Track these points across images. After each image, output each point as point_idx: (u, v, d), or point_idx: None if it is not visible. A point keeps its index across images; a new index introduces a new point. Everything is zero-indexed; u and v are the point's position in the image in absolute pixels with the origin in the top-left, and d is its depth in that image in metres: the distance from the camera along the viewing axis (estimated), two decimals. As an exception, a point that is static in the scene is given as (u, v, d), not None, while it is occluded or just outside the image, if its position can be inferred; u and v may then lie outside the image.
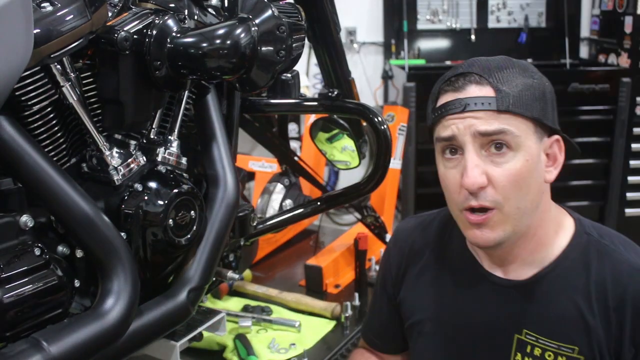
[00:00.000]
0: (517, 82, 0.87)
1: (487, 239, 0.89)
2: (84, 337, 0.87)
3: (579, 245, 0.93)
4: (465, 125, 0.86)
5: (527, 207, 0.88)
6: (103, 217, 0.93)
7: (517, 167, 0.86)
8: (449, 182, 0.90)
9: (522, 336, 0.94)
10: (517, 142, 0.86)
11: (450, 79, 0.90)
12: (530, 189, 0.87)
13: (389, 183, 2.15)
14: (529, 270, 0.94)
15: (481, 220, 0.87)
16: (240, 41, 0.99)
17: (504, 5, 3.44)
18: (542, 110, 0.88)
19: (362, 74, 3.39)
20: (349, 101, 1.53)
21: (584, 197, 2.97)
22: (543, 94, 0.89)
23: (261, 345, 1.48)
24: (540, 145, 0.89)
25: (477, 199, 0.86)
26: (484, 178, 0.85)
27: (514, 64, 0.90)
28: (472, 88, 0.87)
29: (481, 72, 0.87)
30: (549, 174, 0.91)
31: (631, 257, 0.92)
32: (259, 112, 1.57)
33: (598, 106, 2.88)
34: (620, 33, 3.00)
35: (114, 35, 0.95)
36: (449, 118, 0.87)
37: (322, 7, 1.44)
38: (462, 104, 0.86)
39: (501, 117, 0.85)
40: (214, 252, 1.12)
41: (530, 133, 0.87)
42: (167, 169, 1.07)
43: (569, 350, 0.90)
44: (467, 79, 0.88)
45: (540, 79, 0.90)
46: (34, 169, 0.86)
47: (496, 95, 0.85)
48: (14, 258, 0.85)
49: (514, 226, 0.88)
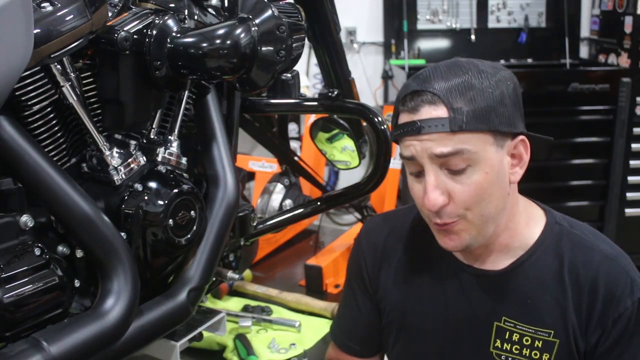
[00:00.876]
0: (472, 94, 0.85)
1: (454, 245, 0.93)
2: (84, 337, 0.87)
3: (551, 235, 0.97)
4: (422, 147, 0.87)
5: (490, 213, 0.90)
6: (103, 217, 0.93)
7: (477, 181, 0.87)
8: (415, 195, 0.93)
9: (501, 323, 0.97)
10: (475, 158, 0.86)
11: (405, 98, 0.89)
12: (493, 197, 0.89)
13: (389, 183, 2.16)
14: (505, 260, 0.98)
15: (447, 228, 0.91)
16: (240, 41, 0.99)
17: (504, 5, 3.44)
18: (501, 118, 0.87)
19: (362, 74, 3.39)
20: (349, 101, 1.53)
21: (584, 197, 2.97)
22: (501, 99, 0.87)
23: (261, 345, 1.48)
24: (503, 150, 0.89)
25: (440, 217, 0.90)
26: (444, 198, 0.88)
27: (470, 70, 0.88)
28: (426, 109, 0.86)
29: (435, 89, 0.86)
30: (514, 175, 0.93)
31: (601, 245, 0.96)
32: (259, 112, 1.57)
33: (598, 106, 2.88)
34: (620, 33, 3.00)
35: (114, 35, 0.95)
36: (407, 139, 0.89)
37: (322, 7, 1.44)
38: (416, 127, 0.87)
39: (456, 137, 0.85)
40: (214, 252, 1.12)
41: (489, 144, 0.87)
42: (167, 169, 1.07)
43: (545, 334, 0.95)
44: (420, 98, 0.87)
45: (499, 82, 0.88)
46: (34, 169, 0.86)
47: (449, 116, 0.84)
48: (14, 258, 0.85)
49: (478, 231, 0.91)
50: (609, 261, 0.94)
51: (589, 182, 2.96)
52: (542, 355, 0.95)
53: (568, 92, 2.84)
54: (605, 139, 2.90)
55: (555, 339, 0.94)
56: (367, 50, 3.49)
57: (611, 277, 0.92)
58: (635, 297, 0.92)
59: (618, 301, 0.91)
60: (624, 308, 0.91)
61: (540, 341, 0.95)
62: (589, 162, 2.94)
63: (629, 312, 0.91)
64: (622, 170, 2.91)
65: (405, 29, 3.33)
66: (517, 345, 0.96)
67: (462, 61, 0.91)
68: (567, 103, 2.86)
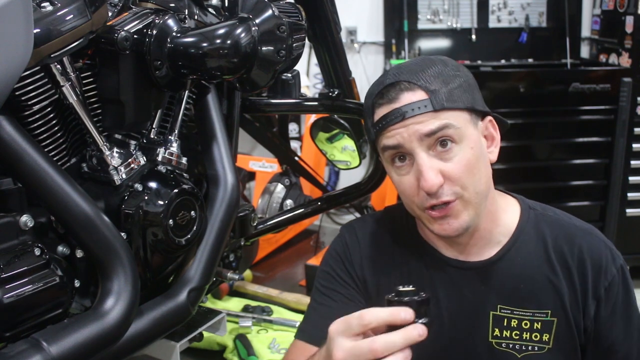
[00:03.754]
0: (443, 78, 0.91)
1: (453, 229, 0.92)
2: (84, 338, 0.87)
3: (529, 220, 1.00)
4: (410, 132, 0.89)
5: (483, 190, 0.94)
6: (103, 217, 0.93)
7: (466, 156, 0.90)
8: (404, 187, 0.94)
9: (497, 312, 0.98)
10: (460, 134, 0.90)
11: (381, 91, 0.92)
12: (482, 172, 0.93)
13: (390, 183, 2.15)
14: (489, 250, 0.99)
15: (445, 213, 0.91)
16: (240, 41, 0.99)
17: (505, 5, 3.43)
18: (472, 98, 0.93)
19: (362, 73, 3.39)
20: (350, 101, 1.53)
21: (584, 197, 2.96)
22: (468, 83, 0.94)
23: (261, 346, 1.48)
24: (478, 130, 0.94)
25: (437, 197, 0.90)
26: (439, 177, 0.89)
27: (435, 61, 0.94)
28: (405, 95, 0.90)
29: (409, 77, 0.91)
30: (492, 154, 0.97)
31: (576, 222, 1.01)
32: (260, 112, 1.57)
33: (599, 106, 2.87)
34: (621, 33, 3.00)
35: (114, 35, 0.95)
36: (392, 129, 0.91)
37: (323, 7, 1.44)
38: (400, 113, 0.89)
39: (440, 114, 0.89)
40: (215, 252, 1.12)
41: (468, 121, 0.92)
42: (167, 169, 1.07)
43: (543, 315, 0.97)
44: (397, 87, 0.91)
45: (462, 71, 0.95)
46: (34, 169, 0.86)
47: (429, 96, 0.89)
48: (14, 258, 0.85)
49: (475, 210, 0.93)
50: (588, 235, 0.98)
51: (589, 182, 2.95)
52: (542, 336, 0.97)
53: (569, 92, 2.83)
54: (606, 138, 2.90)
55: (553, 318, 0.97)
56: (368, 50, 3.48)
57: (593, 249, 0.97)
58: (617, 264, 0.97)
59: (605, 271, 0.96)
60: (611, 276, 0.96)
61: (539, 322, 0.97)
62: (589, 162, 2.93)
63: (617, 279, 0.96)
64: (623, 170, 2.91)
65: (406, 28, 3.32)
66: (517, 330, 0.98)
67: (428, 57, 0.96)
68: (568, 103, 2.85)
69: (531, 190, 1.08)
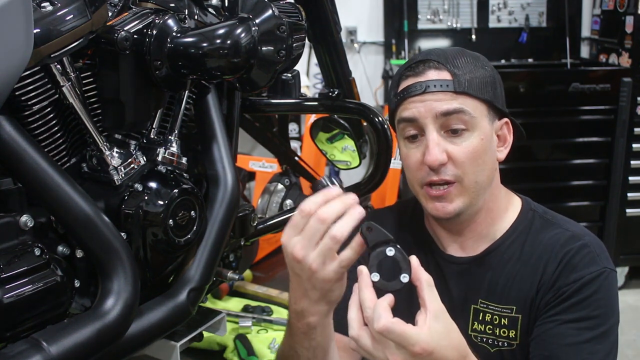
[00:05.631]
0: (470, 68, 0.96)
1: (446, 211, 0.97)
2: (84, 338, 0.87)
3: (525, 220, 1.03)
4: (426, 107, 0.94)
5: (483, 182, 0.97)
6: (103, 217, 0.93)
7: (474, 144, 0.94)
8: (410, 160, 0.98)
9: (477, 305, 1.02)
10: (473, 123, 0.94)
11: (410, 66, 0.98)
12: (486, 165, 0.96)
13: (390, 183, 2.16)
14: (482, 245, 1.03)
15: (441, 193, 0.96)
16: (240, 41, 0.99)
17: (505, 5, 3.44)
18: (493, 95, 0.97)
19: (362, 73, 3.39)
20: (350, 101, 1.53)
21: (584, 197, 2.96)
22: (494, 80, 0.98)
23: (261, 346, 1.48)
24: (492, 126, 0.99)
25: (439, 174, 0.95)
26: (444, 155, 0.94)
27: (467, 53, 0.99)
28: (431, 72, 0.96)
29: (438, 59, 0.97)
30: (500, 153, 1.01)
31: (570, 226, 1.02)
32: (260, 112, 1.57)
33: (599, 106, 2.87)
34: (621, 33, 3.00)
35: (114, 35, 0.95)
36: (411, 100, 0.96)
37: (323, 7, 1.44)
38: (422, 86, 0.95)
39: (458, 98, 0.94)
40: (214, 252, 1.12)
41: (484, 114, 0.96)
42: (167, 169, 1.07)
43: (508, 311, 1.00)
44: (426, 65, 0.97)
45: (491, 69, 1.00)
46: (34, 169, 0.86)
47: (453, 79, 0.94)
48: (14, 258, 0.85)
49: (471, 198, 0.97)
50: (574, 238, 0.98)
51: (589, 182, 2.95)
52: (509, 332, 0.99)
53: (569, 92, 2.84)
54: (606, 138, 2.90)
55: (518, 314, 0.98)
56: (368, 50, 3.49)
57: (573, 250, 0.97)
58: (594, 269, 0.94)
59: (574, 269, 0.95)
60: (580, 276, 0.94)
61: (506, 318, 0.99)
62: (589, 162, 2.94)
63: (585, 280, 0.94)
64: (623, 170, 2.91)
65: (406, 28, 3.33)
66: (490, 325, 1.01)
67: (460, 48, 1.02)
68: (568, 103, 2.85)
69: (531, 190, 1.08)
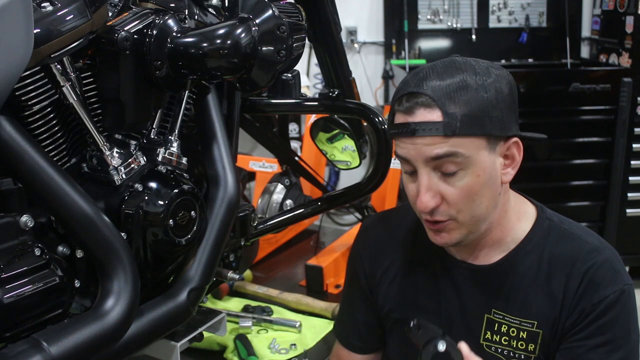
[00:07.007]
0: (467, 97, 0.87)
1: (445, 242, 0.96)
2: (84, 338, 0.87)
3: (541, 230, 1.00)
4: (417, 151, 0.89)
5: (481, 214, 0.93)
6: (103, 217, 0.93)
7: (469, 183, 0.90)
8: (409, 191, 0.96)
9: (491, 315, 1.00)
10: (467, 162, 0.88)
11: (401, 99, 0.91)
12: (484, 199, 0.92)
13: (390, 183, 2.15)
14: (496, 255, 1.00)
15: (438, 227, 0.94)
16: (240, 41, 0.99)
17: (505, 5, 3.43)
18: (494, 123, 0.88)
19: (362, 73, 3.39)
20: (350, 101, 1.52)
21: (584, 197, 2.96)
22: (496, 103, 0.88)
23: (262, 346, 1.48)
24: (495, 152, 0.91)
25: (432, 216, 0.93)
26: (436, 199, 0.90)
27: (467, 70, 0.89)
28: (421, 112, 0.88)
29: (432, 92, 0.87)
30: (506, 176, 0.95)
31: (588, 238, 0.99)
32: (260, 112, 1.57)
33: (599, 106, 2.87)
34: (622, 33, 3.00)
35: (115, 35, 0.95)
36: (402, 140, 0.91)
37: (323, 7, 1.44)
38: (411, 129, 0.88)
39: (449, 140, 0.87)
40: (215, 252, 1.12)
41: (482, 148, 0.89)
42: (167, 169, 1.07)
43: (529, 325, 0.97)
44: (416, 100, 0.88)
45: (494, 84, 0.89)
46: (34, 169, 0.86)
47: (443, 120, 0.86)
48: (14, 258, 0.85)
49: (469, 230, 0.94)
50: (594, 252, 0.96)
51: (590, 182, 2.95)
52: (527, 345, 0.98)
53: (569, 92, 2.83)
54: (606, 139, 2.90)
55: (539, 330, 0.96)
56: (368, 50, 3.48)
57: (595, 266, 0.94)
58: (617, 287, 0.93)
59: (598, 288, 0.93)
60: (604, 296, 0.93)
61: (524, 332, 0.97)
62: (590, 162, 2.93)
63: (609, 301, 0.92)
64: (623, 170, 2.91)
65: (406, 28, 3.33)
66: (506, 336, 0.99)
67: (458, 61, 0.92)
68: (568, 103, 2.85)
69: (531, 190, 1.08)
